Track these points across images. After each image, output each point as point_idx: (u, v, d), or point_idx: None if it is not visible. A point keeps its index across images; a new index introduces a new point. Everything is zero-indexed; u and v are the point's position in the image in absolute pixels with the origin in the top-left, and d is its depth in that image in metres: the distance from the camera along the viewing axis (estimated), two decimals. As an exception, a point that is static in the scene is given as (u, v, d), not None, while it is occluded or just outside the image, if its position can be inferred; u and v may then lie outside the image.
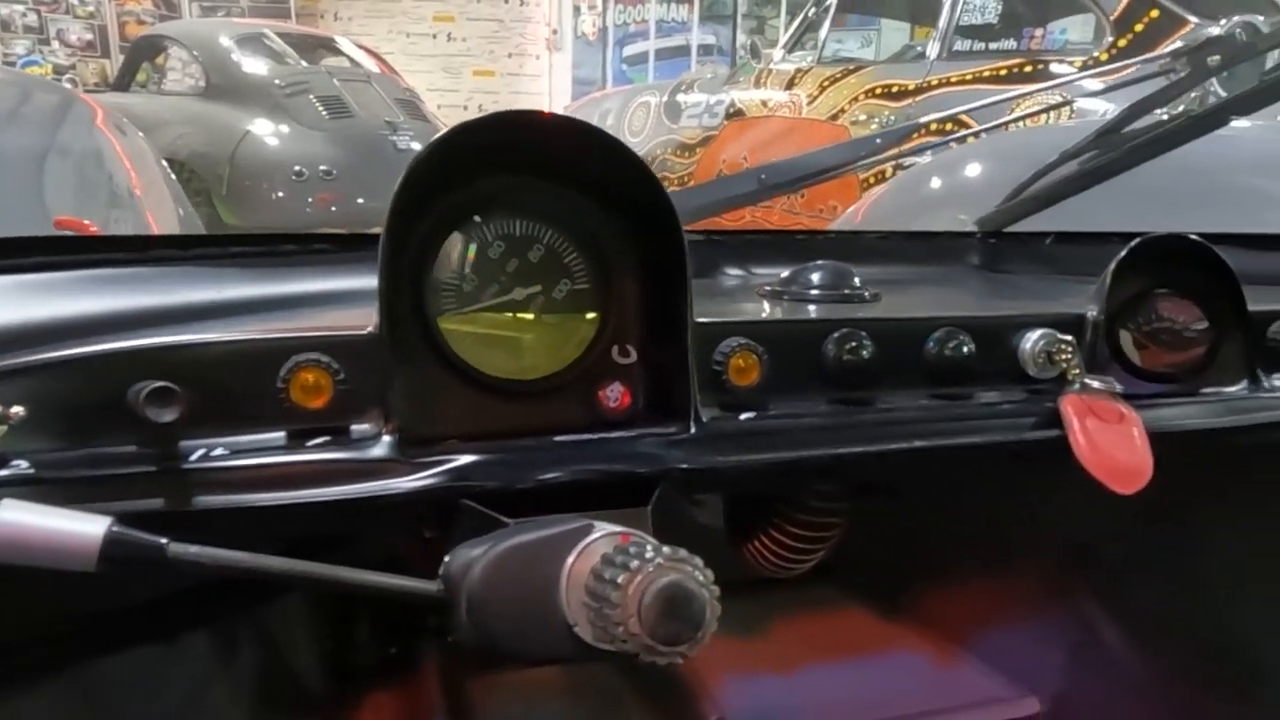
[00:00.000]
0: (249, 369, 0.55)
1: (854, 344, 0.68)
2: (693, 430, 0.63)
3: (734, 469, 0.63)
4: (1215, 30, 1.18)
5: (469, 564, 0.48)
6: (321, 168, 5.42)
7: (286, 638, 1.18)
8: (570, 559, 0.46)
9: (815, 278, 0.80)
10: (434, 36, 9.68)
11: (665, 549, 0.41)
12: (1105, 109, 1.66)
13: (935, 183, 2.02)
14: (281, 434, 0.56)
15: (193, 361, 0.54)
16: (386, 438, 0.57)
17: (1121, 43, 3.26)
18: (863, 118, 3.85)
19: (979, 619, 1.29)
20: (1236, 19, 1.39)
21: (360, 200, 5.49)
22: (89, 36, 8.03)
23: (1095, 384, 0.69)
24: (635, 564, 0.40)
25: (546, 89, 9.51)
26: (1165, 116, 0.99)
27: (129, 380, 0.52)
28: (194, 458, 0.54)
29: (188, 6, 8.63)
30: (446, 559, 0.50)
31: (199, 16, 8.44)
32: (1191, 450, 0.76)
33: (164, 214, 1.51)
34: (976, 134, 1.42)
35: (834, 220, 2.59)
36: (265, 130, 5.60)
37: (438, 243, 0.65)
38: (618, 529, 0.46)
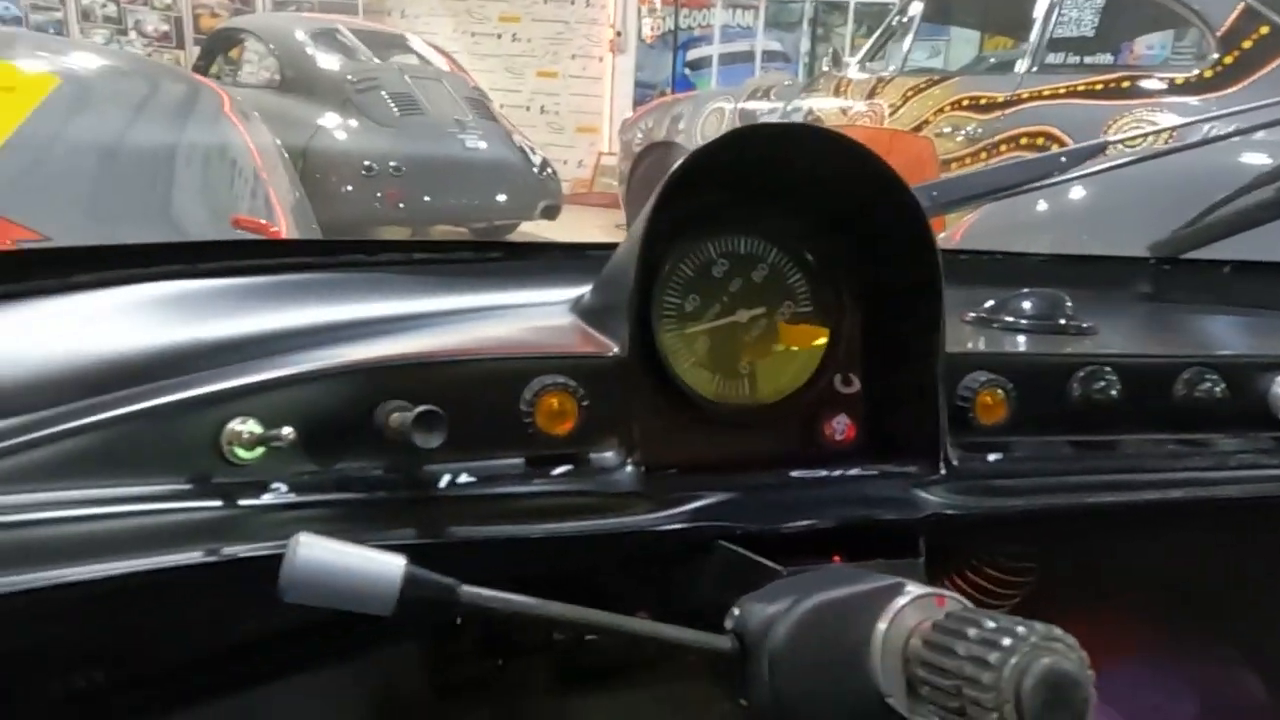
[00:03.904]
0: (495, 391, 0.52)
1: (1102, 383, 0.63)
2: (943, 471, 0.58)
3: (988, 517, 0.59)
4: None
5: (769, 620, 0.44)
6: (391, 164, 5.44)
7: (391, 648, 1.15)
8: (883, 622, 0.41)
9: (1027, 306, 0.75)
10: (499, 36, 9.71)
11: (1038, 625, 0.37)
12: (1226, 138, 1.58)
13: (1042, 205, 1.96)
14: (522, 460, 0.53)
15: (445, 381, 0.51)
16: (630, 468, 0.54)
17: (1228, 60, 3.15)
18: (948, 129, 3.76)
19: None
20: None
21: (427, 198, 5.51)
22: (165, 28, 8.18)
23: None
24: (1008, 642, 0.36)
25: (608, 91, 9.50)
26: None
27: (382, 398, 0.49)
28: (442, 485, 0.51)
29: (261, 0, 8.75)
30: (735, 611, 0.46)
31: (272, 10, 8.55)
32: None
33: (287, 202, 1.50)
34: (1173, 152, 1.36)
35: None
36: (337, 125, 5.63)
37: (664, 261, 0.61)
38: (930, 590, 0.42)
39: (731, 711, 0.48)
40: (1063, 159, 0.95)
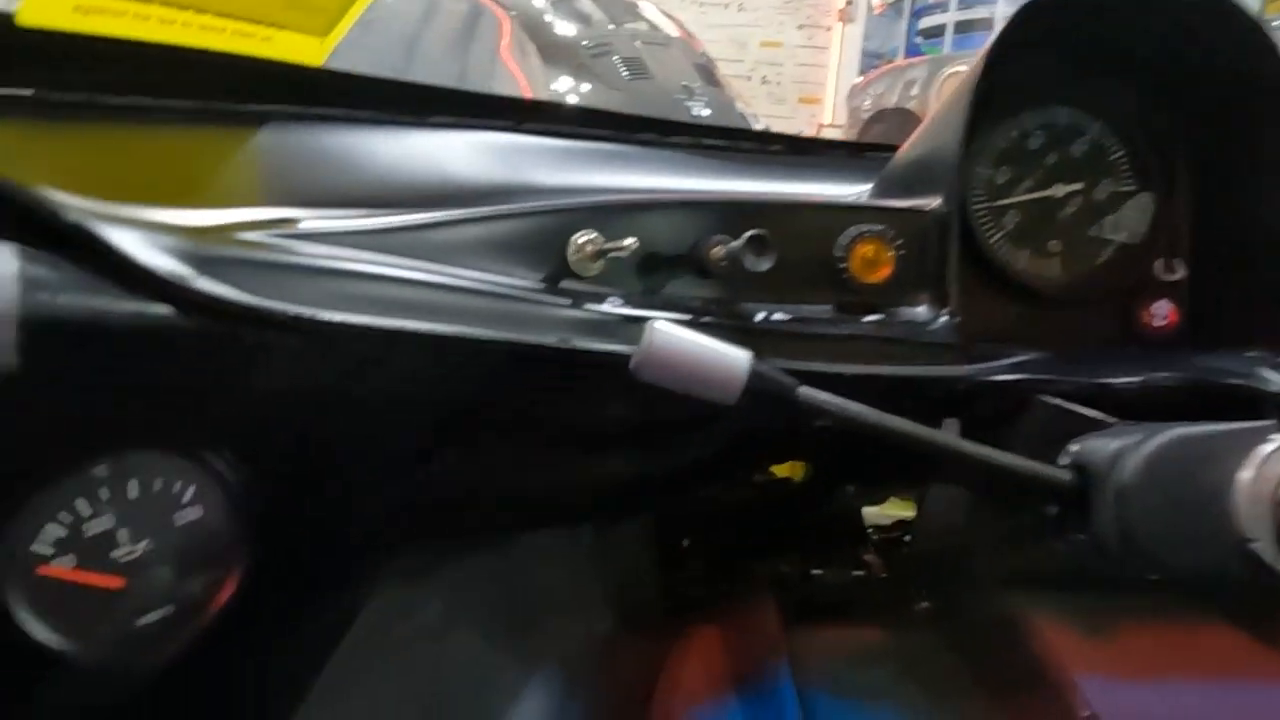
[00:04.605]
0: (812, 235, 0.54)
1: None
2: None
3: None
4: None
5: (1116, 454, 0.42)
6: (618, 127, 5.57)
7: (629, 558, 1.20)
8: (1247, 470, 0.38)
9: None
10: (725, 6, 9.69)
11: None
12: None
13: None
14: (834, 305, 0.54)
15: (765, 221, 0.53)
16: (944, 320, 0.53)
17: None
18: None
19: None
20: None
21: (650, 162, 5.62)
22: (417, 0, 8.79)
23: None
24: None
25: (834, 61, 9.28)
26: None
27: (708, 231, 0.51)
28: (758, 318, 0.52)
29: (503, -27, 9.20)
30: (1073, 448, 0.44)
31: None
32: None
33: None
34: None
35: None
36: (569, 88, 5.82)
37: (976, 131, 0.59)
38: None
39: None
40: None
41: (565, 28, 6.31)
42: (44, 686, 0.43)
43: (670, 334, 0.42)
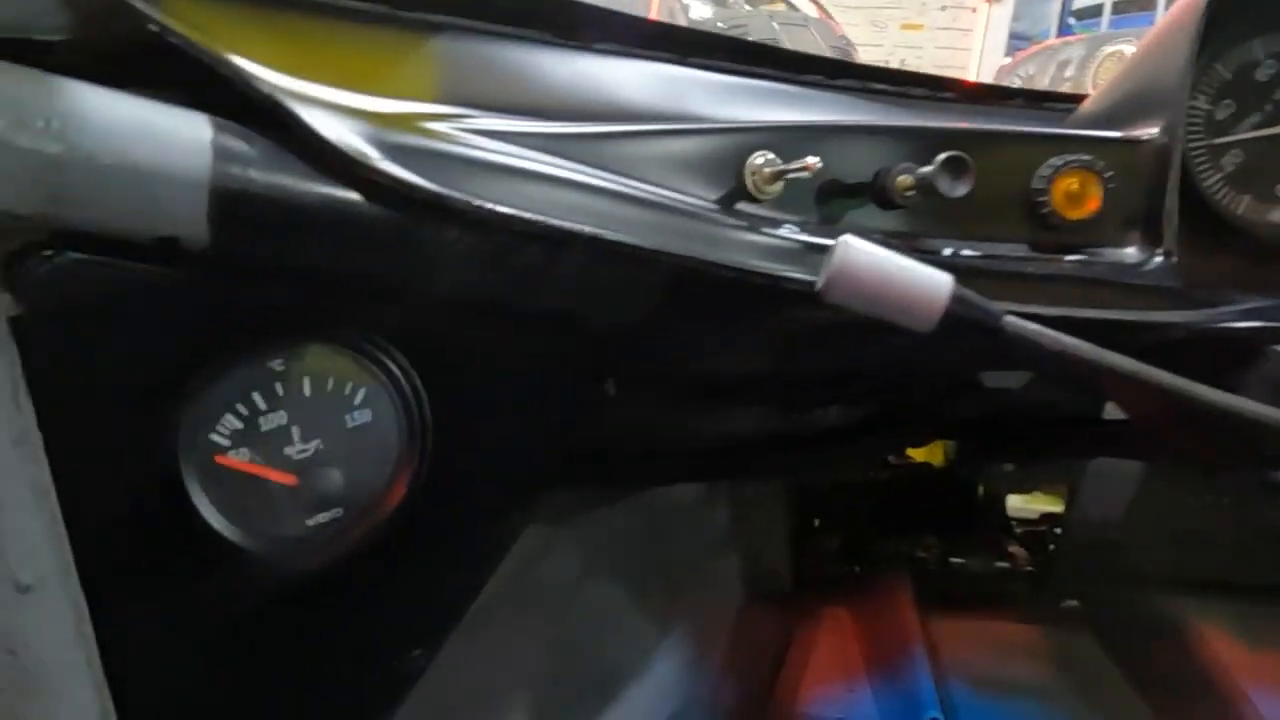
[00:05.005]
0: (1008, 167, 0.49)
1: None
2: None
3: None
4: None
5: None
6: (752, 108, 5.50)
7: (764, 532, 1.18)
8: None
9: None
10: (866, -11, 9.42)
11: None
12: None
13: None
14: (1031, 242, 0.50)
15: (958, 146, 0.49)
16: (1159, 260, 0.48)
17: None
18: None
19: None
20: None
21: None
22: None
23: None
24: None
25: (978, 44, 8.90)
26: None
27: (890, 160, 0.48)
28: (946, 253, 0.49)
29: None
30: None
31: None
32: None
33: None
34: None
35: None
36: (705, 70, 5.79)
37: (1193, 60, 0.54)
38: None
39: None
40: None
41: (701, 9, 6.30)
42: (215, 575, 0.44)
43: (865, 250, 0.39)
